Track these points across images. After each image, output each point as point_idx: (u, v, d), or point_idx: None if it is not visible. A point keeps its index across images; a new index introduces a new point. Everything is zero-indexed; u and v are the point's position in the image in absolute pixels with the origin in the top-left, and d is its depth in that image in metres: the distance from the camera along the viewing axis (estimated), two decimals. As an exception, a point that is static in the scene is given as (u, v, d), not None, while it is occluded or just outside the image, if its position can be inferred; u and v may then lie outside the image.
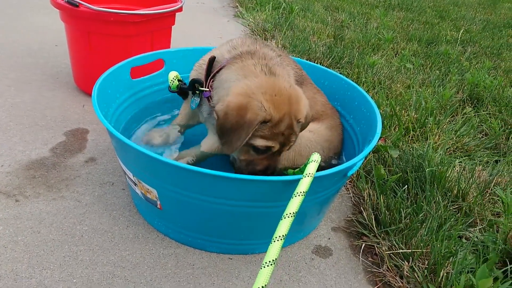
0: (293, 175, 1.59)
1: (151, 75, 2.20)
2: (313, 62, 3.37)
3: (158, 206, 1.59)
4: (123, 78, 2.03)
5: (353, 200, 2.05)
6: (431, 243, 1.67)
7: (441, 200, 1.91)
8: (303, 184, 1.32)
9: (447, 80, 3.46)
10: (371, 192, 1.98)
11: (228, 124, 1.48)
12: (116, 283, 1.47)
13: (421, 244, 1.66)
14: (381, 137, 2.35)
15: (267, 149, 1.56)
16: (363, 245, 1.77)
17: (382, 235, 1.78)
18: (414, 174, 2.05)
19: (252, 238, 1.63)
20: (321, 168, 1.44)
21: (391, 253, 1.68)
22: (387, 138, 2.40)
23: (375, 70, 3.36)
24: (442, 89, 3.20)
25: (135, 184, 1.62)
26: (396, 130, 2.48)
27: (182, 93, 1.91)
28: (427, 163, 2.09)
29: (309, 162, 1.39)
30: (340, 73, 3.25)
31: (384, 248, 1.70)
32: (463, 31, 5.06)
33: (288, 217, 1.25)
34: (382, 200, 1.88)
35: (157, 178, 1.50)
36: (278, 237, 1.21)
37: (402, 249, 1.67)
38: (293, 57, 2.28)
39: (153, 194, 1.55)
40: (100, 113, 1.58)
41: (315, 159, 1.41)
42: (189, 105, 1.87)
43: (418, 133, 2.54)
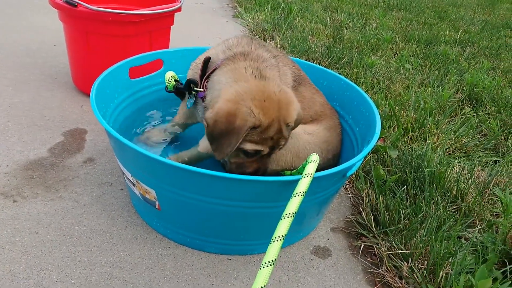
0: (290, 175, 1.59)
1: (149, 75, 2.20)
2: (312, 62, 3.37)
3: (157, 207, 1.59)
4: (121, 78, 2.02)
5: (352, 200, 2.04)
6: (430, 243, 1.66)
7: (440, 200, 1.91)
8: (302, 184, 1.32)
9: (446, 81, 3.45)
10: (370, 193, 1.97)
11: (217, 130, 1.48)
12: (114, 284, 1.47)
13: (420, 245, 1.66)
14: (380, 138, 2.35)
15: (257, 153, 1.57)
16: (362, 245, 1.77)
17: (381, 235, 1.77)
18: (413, 175, 2.05)
19: (251, 239, 1.63)
20: (320, 169, 1.44)
21: (390, 253, 1.68)
22: (386, 138, 2.40)
23: (374, 70, 3.35)
24: (441, 89, 3.20)
25: (134, 185, 1.62)
26: (395, 131, 2.48)
27: (179, 93, 1.90)
28: (426, 163, 2.09)
29: (308, 163, 1.39)
30: (339, 73, 3.24)
31: (383, 249, 1.70)
32: (462, 32, 5.06)
33: (287, 218, 1.25)
34: (381, 201, 1.88)
35: (155, 179, 1.49)
36: (278, 237, 1.21)
37: (401, 250, 1.67)
38: (292, 57, 2.27)
39: (152, 194, 1.55)
40: (99, 113, 1.58)
41: (314, 159, 1.40)
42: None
43: (417, 134, 2.54)
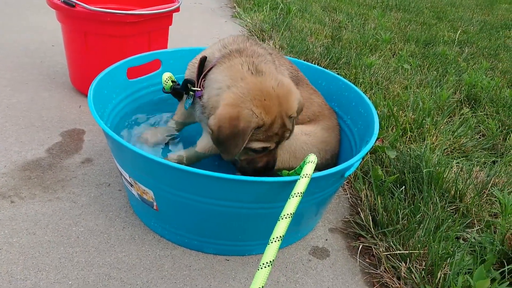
0: (288, 176, 1.59)
1: (148, 75, 2.19)
2: (311, 62, 3.37)
3: (155, 207, 1.58)
4: (119, 79, 2.02)
5: (350, 201, 2.04)
6: (428, 244, 1.66)
7: (438, 201, 1.91)
8: (300, 185, 1.31)
9: (444, 81, 3.45)
10: (368, 193, 1.97)
11: (223, 135, 1.50)
12: (112, 285, 1.46)
13: (419, 245, 1.66)
14: (378, 138, 2.35)
15: (264, 149, 1.60)
16: (361, 246, 1.77)
17: (379, 236, 1.77)
18: (411, 175, 2.05)
19: (249, 239, 1.63)
20: (318, 169, 1.44)
21: (388, 254, 1.68)
22: (384, 138, 2.40)
23: (373, 70, 3.35)
24: (439, 89, 3.20)
25: (131, 185, 1.62)
26: (394, 131, 2.48)
27: (176, 94, 1.90)
28: (424, 164, 2.08)
29: (306, 163, 1.39)
30: (338, 73, 3.25)
31: (382, 249, 1.70)
32: (460, 32, 5.07)
33: (285, 218, 1.25)
34: (379, 201, 1.88)
35: (153, 179, 1.49)
36: (276, 238, 1.21)
37: (400, 250, 1.67)
38: (291, 58, 2.27)
39: (149, 195, 1.55)
40: (96, 114, 1.58)
41: (311, 160, 1.40)
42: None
43: (415, 134, 2.54)
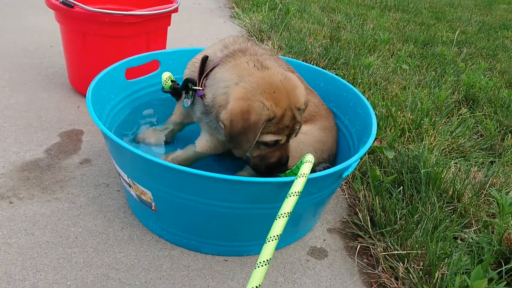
0: (285, 176, 1.60)
1: (146, 76, 2.20)
2: (309, 63, 3.37)
3: (153, 208, 1.59)
4: (118, 79, 2.02)
5: (348, 201, 2.04)
6: (426, 244, 1.67)
7: (436, 201, 1.91)
8: (298, 184, 1.32)
9: (442, 81, 3.46)
10: (366, 193, 1.98)
11: (235, 130, 1.51)
12: (110, 285, 1.47)
13: (416, 245, 1.67)
14: (376, 138, 2.35)
15: (276, 143, 1.60)
16: (359, 246, 1.77)
17: (377, 236, 1.78)
18: (409, 175, 2.05)
19: (247, 240, 1.63)
20: (313, 170, 1.44)
21: (386, 254, 1.68)
22: (382, 139, 2.40)
23: (371, 71, 3.36)
24: (437, 90, 3.20)
25: (130, 186, 1.62)
26: (392, 131, 2.48)
27: (176, 93, 1.91)
28: (422, 164, 2.09)
29: (303, 163, 1.40)
30: (336, 74, 3.25)
31: (379, 250, 1.70)
32: (459, 32, 5.07)
33: (282, 217, 1.25)
34: (377, 201, 1.88)
35: (151, 180, 1.49)
36: (272, 237, 1.21)
37: (398, 251, 1.67)
38: (289, 58, 2.28)
39: (148, 195, 1.55)
40: (95, 114, 1.58)
41: (308, 159, 1.41)
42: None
43: (413, 134, 2.54)
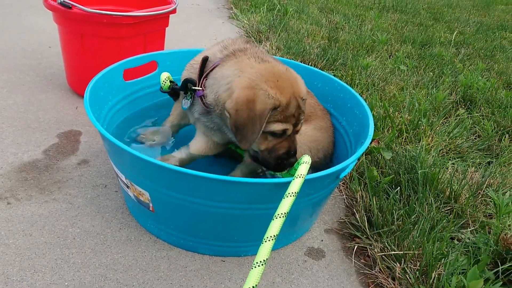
0: (282, 177, 1.60)
1: (144, 77, 2.20)
2: (307, 64, 3.38)
3: (151, 209, 1.59)
4: (116, 80, 2.02)
5: (346, 202, 2.05)
6: (423, 244, 1.67)
7: (433, 201, 1.92)
8: (295, 185, 1.33)
9: (440, 82, 3.47)
10: (364, 194, 1.98)
11: (241, 119, 1.51)
12: (108, 286, 1.47)
13: (413, 246, 1.67)
14: (374, 139, 2.36)
15: (283, 133, 1.60)
16: (356, 246, 1.78)
17: (374, 236, 1.78)
18: (406, 176, 2.06)
19: (244, 240, 1.63)
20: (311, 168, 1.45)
21: (383, 254, 1.69)
22: (380, 139, 2.41)
23: (369, 72, 3.37)
24: (435, 91, 3.21)
25: (128, 187, 1.62)
26: (390, 132, 2.49)
27: (174, 93, 1.91)
28: (419, 164, 2.10)
29: (300, 164, 1.40)
30: (334, 75, 3.26)
31: (377, 250, 1.71)
32: (457, 33, 5.08)
33: (279, 218, 1.26)
34: (374, 202, 1.89)
35: (149, 181, 1.49)
36: (269, 237, 1.22)
37: (394, 251, 1.68)
38: (287, 59, 2.29)
39: (145, 196, 1.55)
40: (92, 115, 1.58)
41: (306, 160, 1.42)
42: (181, 105, 1.87)
43: (411, 135, 2.55)
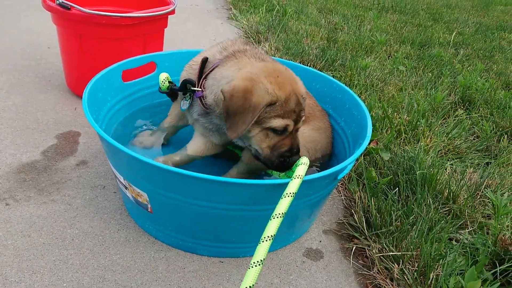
0: (280, 178, 1.60)
1: (143, 78, 2.20)
2: (306, 64, 3.38)
3: (149, 210, 1.59)
4: (114, 81, 2.02)
5: (344, 202, 2.05)
6: (421, 245, 1.67)
7: (431, 202, 1.92)
8: (293, 185, 1.33)
9: (439, 83, 3.47)
10: (362, 195, 1.98)
11: (233, 106, 1.50)
12: (106, 287, 1.47)
13: (411, 247, 1.67)
14: (373, 140, 2.36)
15: (284, 129, 1.58)
16: (354, 247, 1.78)
17: (373, 237, 1.78)
18: (405, 177, 2.06)
19: (242, 241, 1.64)
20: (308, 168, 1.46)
21: (381, 255, 1.69)
22: (379, 140, 2.41)
23: (368, 72, 3.37)
24: (434, 91, 3.22)
25: (126, 188, 1.62)
26: (388, 133, 2.49)
27: (172, 94, 1.91)
28: (418, 165, 2.10)
29: (298, 165, 1.41)
30: (333, 75, 3.26)
31: (375, 251, 1.71)
32: (456, 34, 5.09)
33: (277, 218, 1.26)
34: (373, 203, 1.89)
35: (147, 182, 1.50)
36: (267, 237, 1.22)
37: (393, 252, 1.68)
38: (285, 60, 2.29)
39: (144, 197, 1.55)
40: (91, 116, 1.58)
41: (304, 162, 1.42)
42: (179, 106, 1.88)
43: (410, 136, 2.55)
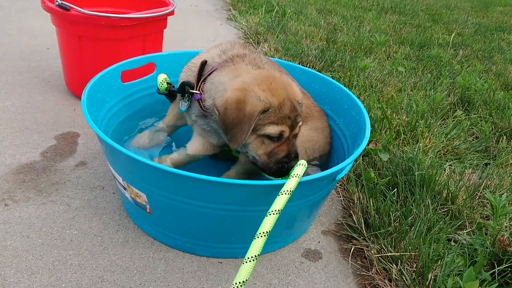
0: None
1: (142, 79, 2.20)
2: (306, 65, 3.39)
3: (148, 210, 1.59)
4: (113, 82, 2.03)
5: (343, 203, 2.05)
6: (419, 246, 1.68)
7: (430, 203, 1.92)
8: (290, 184, 1.34)
9: (438, 84, 3.48)
10: (361, 196, 1.99)
11: (229, 118, 1.52)
12: (105, 288, 1.48)
13: (410, 247, 1.68)
14: (371, 141, 2.36)
15: (280, 136, 1.57)
16: (353, 248, 1.78)
17: (371, 238, 1.79)
18: (404, 177, 2.07)
19: (241, 242, 1.63)
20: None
21: (380, 256, 1.69)
22: (377, 141, 2.41)
23: (367, 73, 3.37)
24: (433, 92, 3.22)
25: (125, 188, 1.62)
26: (387, 134, 2.49)
27: (170, 95, 1.92)
28: (416, 166, 2.10)
29: (296, 166, 1.42)
30: (332, 76, 3.26)
31: (373, 251, 1.71)
32: (455, 35, 5.09)
33: (272, 214, 1.27)
34: (371, 204, 1.89)
35: (146, 182, 1.50)
36: (261, 233, 1.22)
37: (391, 252, 1.69)
38: (284, 61, 2.30)
39: (143, 198, 1.56)
40: (89, 117, 1.59)
41: (302, 163, 1.43)
42: (177, 106, 1.88)
43: (408, 136, 2.55)
